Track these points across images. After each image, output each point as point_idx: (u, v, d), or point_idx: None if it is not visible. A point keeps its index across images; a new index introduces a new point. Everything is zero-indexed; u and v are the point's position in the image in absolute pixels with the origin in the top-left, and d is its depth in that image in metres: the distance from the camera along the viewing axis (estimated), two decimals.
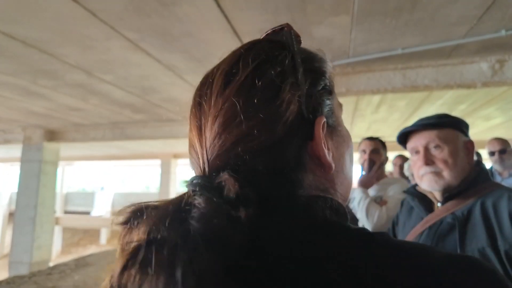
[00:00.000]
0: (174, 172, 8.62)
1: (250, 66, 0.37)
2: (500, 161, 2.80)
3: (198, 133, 0.37)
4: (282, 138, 0.35)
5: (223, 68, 0.39)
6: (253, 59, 0.37)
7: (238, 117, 0.34)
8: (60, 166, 11.16)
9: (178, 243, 0.27)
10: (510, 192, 0.95)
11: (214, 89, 0.37)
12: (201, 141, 0.36)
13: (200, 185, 0.32)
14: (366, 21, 1.77)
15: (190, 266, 0.26)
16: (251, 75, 0.36)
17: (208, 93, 0.38)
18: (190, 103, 0.41)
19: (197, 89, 0.41)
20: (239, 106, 0.35)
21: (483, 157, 3.84)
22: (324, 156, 0.37)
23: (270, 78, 0.36)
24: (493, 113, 3.93)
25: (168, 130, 4.56)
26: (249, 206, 0.30)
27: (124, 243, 0.31)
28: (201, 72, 0.43)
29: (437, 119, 1.08)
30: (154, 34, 1.88)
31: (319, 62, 0.42)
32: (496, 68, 2.25)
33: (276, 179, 0.35)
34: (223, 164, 0.34)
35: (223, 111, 0.35)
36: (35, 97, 3.17)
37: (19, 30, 1.81)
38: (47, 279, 3.92)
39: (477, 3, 1.60)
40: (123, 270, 0.28)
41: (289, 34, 0.42)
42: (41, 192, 4.66)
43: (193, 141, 0.38)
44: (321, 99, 0.40)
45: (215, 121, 0.35)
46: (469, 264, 0.30)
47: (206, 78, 0.41)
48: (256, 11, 1.65)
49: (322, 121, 0.38)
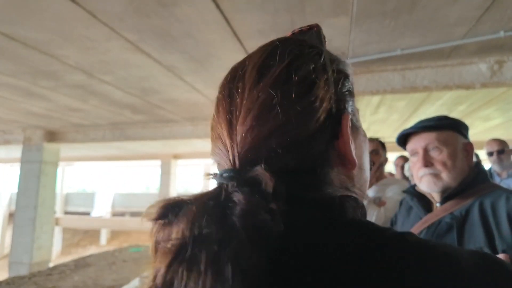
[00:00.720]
0: (174, 173, 8.62)
1: (286, 60, 0.37)
2: (498, 161, 2.81)
3: (228, 126, 0.36)
4: (314, 133, 0.36)
5: (255, 61, 0.38)
6: (288, 53, 0.38)
7: (274, 110, 0.34)
8: (60, 166, 11.16)
9: (224, 239, 0.27)
10: (508, 193, 0.95)
11: (247, 81, 0.37)
12: (231, 134, 0.36)
13: (234, 179, 0.31)
14: (365, 22, 1.78)
15: (236, 263, 0.26)
16: (287, 69, 0.36)
17: (240, 86, 0.37)
18: (217, 97, 0.40)
19: (226, 83, 0.40)
20: (276, 99, 0.35)
21: (482, 157, 3.84)
22: (350, 153, 0.38)
23: (305, 73, 0.37)
24: (492, 113, 3.93)
25: (168, 131, 4.57)
26: (281, 202, 0.30)
27: (161, 239, 0.30)
28: (201, 73, 0.44)
29: (436, 121, 1.09)
30: (153, 35, 1.88)
31: (344, 65, 0.43)
32: (495, 69, 2.25)
33: (305, 175, 0.35)
34: (255, 158, 0.34)
35: (258, 103, 0.35)
36: (35, 98, 3.18)
37: (19, 31, 1.82)
38: (47, 279, 3.92)
39: (476, 4, 1.61)
40: (169, 267, 0.27)
41: (318, 34, 0.43)
42: (41, 193, 4.66)
43: (221, 134, 0.37)
44: (346, 99, 0.41)
45: (248, 113, 0.35)
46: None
47: (235, 71, 0.40)
48: (255, 12, 1.66)
49: (349, 119, 0.39)
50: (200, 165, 12.56)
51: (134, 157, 8.75)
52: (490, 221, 0.92)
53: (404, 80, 2.40)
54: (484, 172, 1.08)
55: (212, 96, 3.41)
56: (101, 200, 14.98)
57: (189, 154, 8.45)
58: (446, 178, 1.03)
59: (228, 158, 0.36)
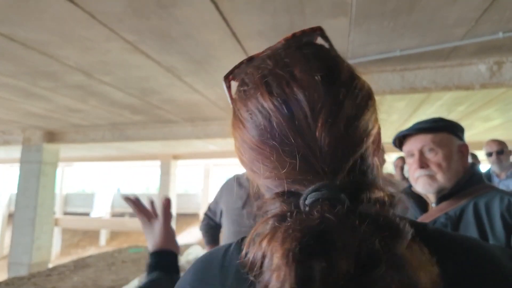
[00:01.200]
0: (173, 173, 8.62)
1: (349, 76, 0.38)
2: (497, 162, 2.81)
3: (304, 128, 0.34)
4: (371, 143, 0.38)
5: (315, 70, 0.37)
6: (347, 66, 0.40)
7: (355, 120, 0.35)
8: (60, 167, 11.17)
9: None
10: (502, 193, 0.97)
11: (320, 87, 0.35)
12: (311, 141, 0.34)
13: (333, 194, 0.31)
14: (364, 23, 1.78)
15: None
16: (352, 86, 0.38)
17: (311, 93, 0.35)
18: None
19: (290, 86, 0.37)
20: (354, 108, 0.36)
21: (481, 158, 3.84)
22: (382, 164, 0.40)
23: (363, 85, 0.39)
24: (492, 114, 3.94)
25: (167, 131, 4.58)
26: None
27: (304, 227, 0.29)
28: (201, 73, 0.43)
29: (432, 123, 1.11)
30: (153, 36, 1.88)
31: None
32: (494, 70, 2.26)
33: (371, 185, 0.35)
34: (342, 165, 0.34)
35: (340, 112, 0.35)
36: (34, 99, 3.18)
37: (19, 32, 1.82)
38: (46, 280, 3.92)
39: (475, 5, 1.61)
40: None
41: (325, 37, 0.46)
42: (40, 193, 4.66)
43: (290, 136, 0.34)
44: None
45: (334, 120, 0.34)
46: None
47: (280, 78, 0.37)
48: (255, 13, 1.66)
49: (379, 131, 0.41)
50: (199, 165, 12.57)
51: (134, 157, 8.75)
52: (484, 221, 0.95)
53: (403, 81, 2.41)
54: (479, 173, 1.10)
55: (211, 97, 3.43)
56: (101, 200, 14.98)
57: (188, 154, 8.46)
58: (441, 179, 1.05)
59: (315, 170, 0.34)
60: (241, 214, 1.47)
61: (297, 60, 0.38)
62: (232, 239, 1.52)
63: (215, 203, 1.68)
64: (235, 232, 1.47)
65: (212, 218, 1.70)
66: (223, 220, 1.58)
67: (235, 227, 1.47)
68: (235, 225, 1.47)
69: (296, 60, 0.38)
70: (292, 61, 0.38)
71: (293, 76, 0.36)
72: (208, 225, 1.71)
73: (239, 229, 1.46)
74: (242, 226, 1.45)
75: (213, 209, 1.69)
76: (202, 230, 1.74)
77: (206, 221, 1.72)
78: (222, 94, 3.17)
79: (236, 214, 1.48)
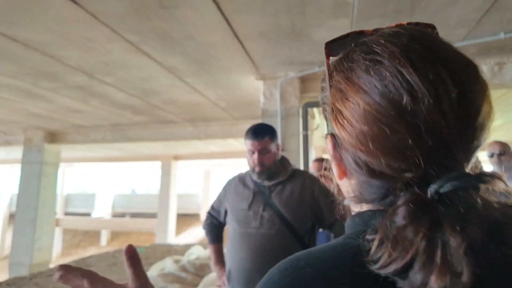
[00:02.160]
0: (174, 174, 8.64)
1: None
2: (499, 163, 2.81)
3: (455, 119, 0.33)
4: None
5: (460, 56, 0.37)
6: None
7: (489, 115, 0.35)
8: (61, 167, 11.18)
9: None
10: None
11: (468, 75, 0.35)
12: (454, 126, 0.33)
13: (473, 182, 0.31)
14: (365, 24, 1.78)
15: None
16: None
17: (460, 78, 0.34)
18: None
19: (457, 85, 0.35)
20: (489, 105, 0.35)
21: (483, 159, 3.84)
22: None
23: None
24: None
25: (168, 132, 4.58)
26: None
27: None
28: (202, 74, 0.43)
29: None
30: (154, 37, 1.89)
31: None
32: (495, 71, 2.25)
33: (492, 176, 0.34)
34: (471, 156, 0.34)
35: (483, 105, 0.34)
36: (36, 99, 3.18)
37: (21, 33, 1.82)
38: (47, 280, 3.92)
39: (476, 6, 1.61)
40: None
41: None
42: (41, 194, 4.67)
43: (441, 127, 0.33)
44: None
45: (478, 111, 0.34)
46: None
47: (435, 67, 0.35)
48: (256, 14, 1.66)
49: None
50: (200, 166, 12.57)
51: (135, 158, 8.76)
52: None
53: None
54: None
55: (212, 97, 3.43)
56: (101, 201, 14.99)
57: (189, 155, 8.46)
58: None
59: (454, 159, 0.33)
60: (247, 215, 1.47)
61: (439, 42, 0.37)
62: (239, 240, 1.49)
63: (218, 202, 1.68)
64: (241, 233, 1.47)
65: (215, 217, 1.70)
66: (228, 220, 1.58)
67: (242, 228, 1.47)
68: (241, 226, 1.47)
69: (438, 43, 0.37)
70: (431, 43, 0.36)
71: (438, 56, 0.35)
72: (211, 224, 1.71)
73: (245, 231, 1.46)
74: (248, 228, 1.45)
75: (216, 208, 1.69)
76: (206, 229, 1.74)
77: (210, 220, 1.72)
78: (223, 95, 3.17)
79: (242, 215, 1.48)
